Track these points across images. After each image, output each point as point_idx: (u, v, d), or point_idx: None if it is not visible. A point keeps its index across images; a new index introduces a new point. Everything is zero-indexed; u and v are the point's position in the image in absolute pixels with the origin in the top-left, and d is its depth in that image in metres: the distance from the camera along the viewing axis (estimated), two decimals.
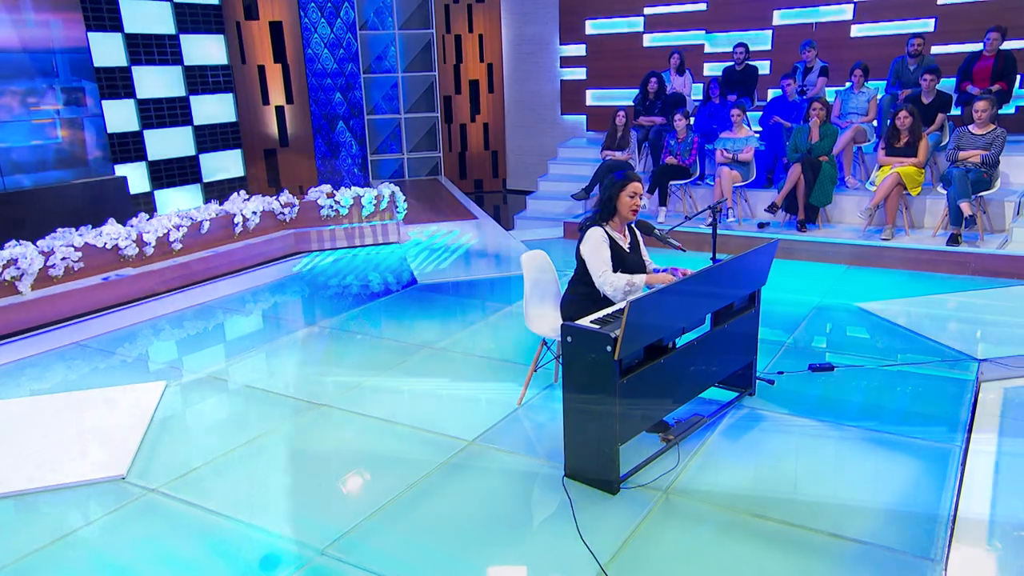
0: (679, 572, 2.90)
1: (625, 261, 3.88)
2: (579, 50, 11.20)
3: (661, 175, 8.20)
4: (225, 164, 10.52)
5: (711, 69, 9.89)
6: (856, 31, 9.09)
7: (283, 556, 3.07)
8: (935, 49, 8.47)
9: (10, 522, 3.41)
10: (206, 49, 10.07)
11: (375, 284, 7.03)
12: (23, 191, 7.23)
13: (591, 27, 10.98)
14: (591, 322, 3.43)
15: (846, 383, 4.44)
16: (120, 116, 9.01)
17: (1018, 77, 7.66)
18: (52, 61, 7.45)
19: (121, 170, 8.60)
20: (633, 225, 4.08)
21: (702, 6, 10.02)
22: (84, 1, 8.04)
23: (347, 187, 8.33)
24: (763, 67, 9.43)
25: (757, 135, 8.16)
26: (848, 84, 8.17)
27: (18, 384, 5.00)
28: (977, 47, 7.77)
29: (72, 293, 6.10)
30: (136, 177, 9.14)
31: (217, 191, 10.24)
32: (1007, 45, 7.58)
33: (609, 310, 3.64)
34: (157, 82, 9.45)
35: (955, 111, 7.72)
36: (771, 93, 9.09)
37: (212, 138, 10.27)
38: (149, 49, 9.26)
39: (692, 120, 8.70)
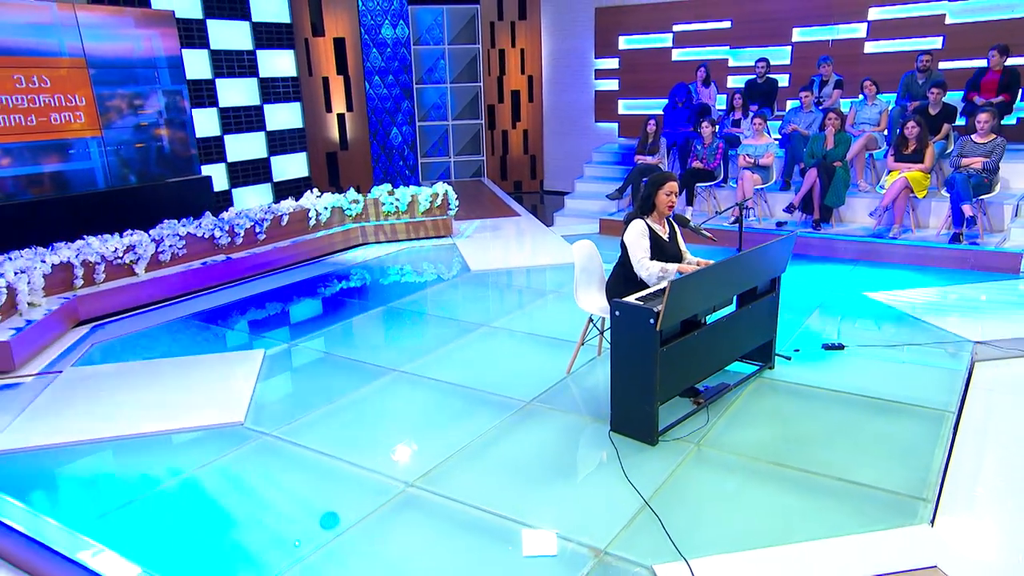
0: (711, 507, 3.24)
1: (664, 249, 4.19)
2: (612, 63, 11.49)
3: (688, 178, 8.49)
4: (292, 165, 11.04)
5: (735, 81, 10.15)
6: (869, 48, 9.27)
7: (379, 486, 3.48)
8: (942, 65, 8.62)
9: (153, 456, 3.85)
10: (278, 63, 10.57)
11: (431, 272, 7.44)
12: (130, 188, 7.76)
13: (624, 42, 11.28)
14: (636, 299, 3.79)
15: (855, 360, 4.71)
16: (205, 123, 9.55)
17: (1021, 91, 7.82)
18: (154, 71, 7.96)
19: (206, 170, 9.12)
20: (671, 218, 4.41)
21: (727, 24, 10.27)
22: (178, 20, 8.55)
23: (404, 186, 8.77)
24: (783, 80, 9.66)
25: (776, 142, 8.41)
26: (861, 96, 8.38)
27: (135, 352, 5.48)
28: (981, 63, 7.94)
29: (177, 275, 6.62)
30: (218, 176, 9.68)
31: (285, 190, 10.75)
32: (1012, 62, 7.74)
33: (650, 290, 3.98)
34: (236, 92, 9.98)
35: (960, 121, 7.88)
36: (790, 104, 9.32)
37: (282, 142, 10.77)
38: (230, 63, 9.78)
39: (717, 128, 8.98)
